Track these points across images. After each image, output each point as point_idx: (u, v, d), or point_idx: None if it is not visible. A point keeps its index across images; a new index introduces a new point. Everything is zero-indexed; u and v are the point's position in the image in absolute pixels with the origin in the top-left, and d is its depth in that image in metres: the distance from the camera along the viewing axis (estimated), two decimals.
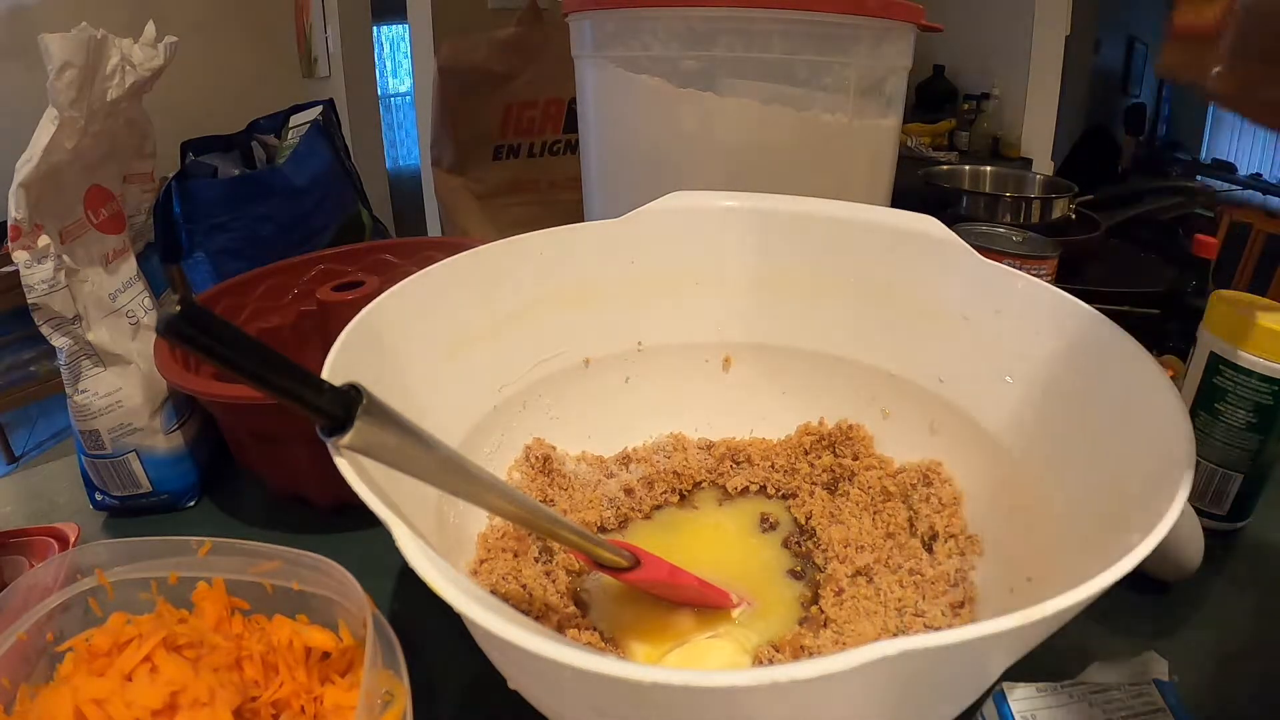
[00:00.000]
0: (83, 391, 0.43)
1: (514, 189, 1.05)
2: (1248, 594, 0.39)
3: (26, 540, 0.40)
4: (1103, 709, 0.26)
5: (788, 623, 0.35)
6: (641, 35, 0.52)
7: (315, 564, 0.31)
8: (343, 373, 0.25)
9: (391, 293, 0.34)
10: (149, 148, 0.49)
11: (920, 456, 0.40)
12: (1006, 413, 0.36)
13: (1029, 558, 0.32)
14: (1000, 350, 0.37)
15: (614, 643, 0.33)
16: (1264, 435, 0.39)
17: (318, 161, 1.06)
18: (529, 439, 0.42)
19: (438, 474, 0.24)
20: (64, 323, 0.41)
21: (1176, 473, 0.23)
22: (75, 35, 0.37)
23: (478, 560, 0.35)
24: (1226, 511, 0.42)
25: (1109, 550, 0.21)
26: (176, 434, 0.46)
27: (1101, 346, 0.32)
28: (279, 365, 0.20)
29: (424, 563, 0.19)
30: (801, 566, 0.38)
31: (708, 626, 0.34)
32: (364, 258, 0.58)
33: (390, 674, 0.27)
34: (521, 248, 0.40)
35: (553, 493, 0.40)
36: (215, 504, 0.48)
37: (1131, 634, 0.37)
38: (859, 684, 0.18)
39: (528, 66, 0.98)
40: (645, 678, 0.17)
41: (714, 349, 0.45)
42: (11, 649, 0.29)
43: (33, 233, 0.39)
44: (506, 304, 0.40)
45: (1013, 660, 0.23)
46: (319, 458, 0.23)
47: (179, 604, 0.32)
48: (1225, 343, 0.39)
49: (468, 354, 0.38)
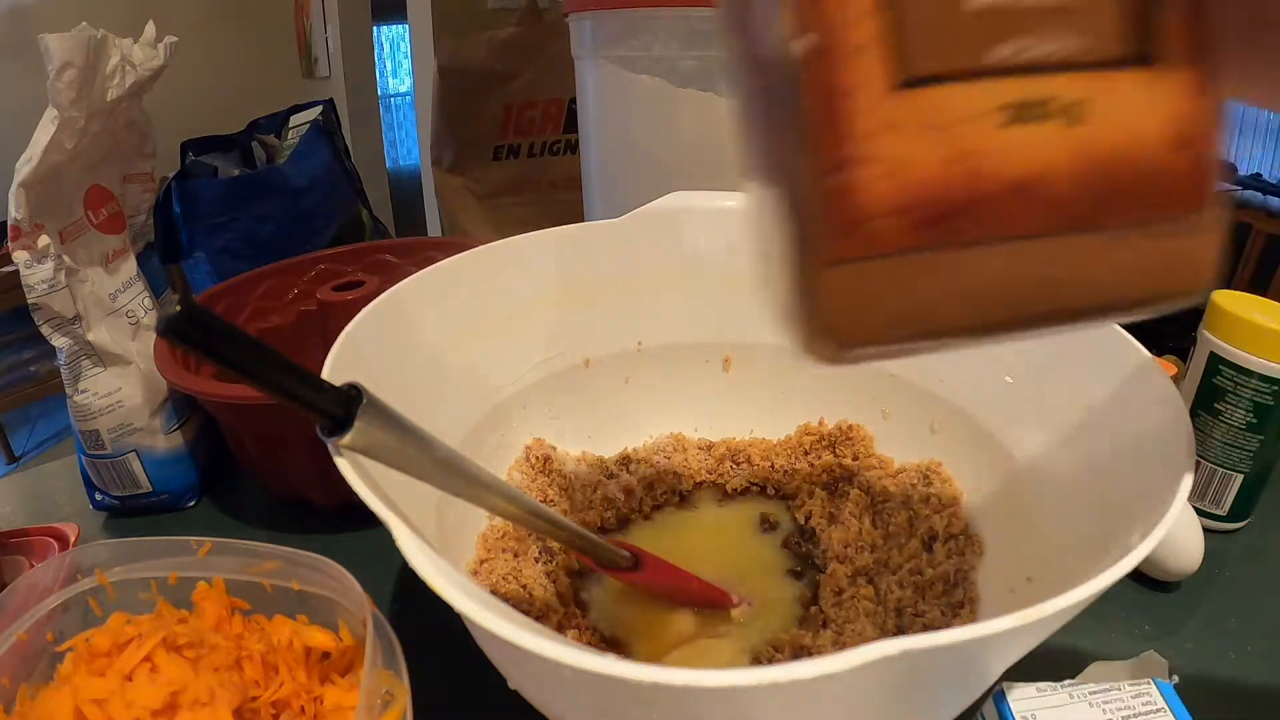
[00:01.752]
0: (83, 391, 0.43)
1: (514, 189, 1.05)
2: (1248, 594, 0.39)
3: (26, 540, 0.40)
4: (1103, 709, 0.26)
5: (788, 623, 0.35)
6: (641, 35, 0.52)
7: (315, 564, 0.31)
8: (343, 373, 0.25)
9: (391, 293, 0.34)
10: (149, 148, 0.49)
11: (920, 456, 0.40)
12: (1006, 413, 0.36)
13: (1029, 558, 0.32)
14: (1000, 350, 0.37)
15: (614, 643, 0.33)
16: (1264, 435, 0.39)
17: (317, 161, 1.06)
18: (529, 439, 0.42)
19: (438, 474, 0.24)
20: (64, 323, 0.41)
21: (1176, 473, 0.23)
22: (75, 35, 0.37)
23: (478, 560, 0.35)
24: (1226, 511, 0.42)
25: (1109, 550, 0.21)
26: (176, 434, 0.46)
27: (1102, 346, 0.32)
28: (279, 365, 0.20)
29: (424, 563, 0.19)
30: (801, 567, 0.38)
31: (708, 626, 0.34)
32: (364, 258, 0.58)
33: (390, 674, 0.27)
34: (521, 248, 0.40)
35: (553, 493, 0.40)
36: (215, 504, 0.48)
37: (1131, 634, 0.37)
38: (859, 684, 0.18)
39: (528, 66, 0.98)
40: (645, 678, 0.17)
41: (714, 349, 0.45)
42: (11, 649, 0.29)
43: (33, 233, 0.39)
44: (506, 304, 0.40)
45: (1013, 660, 0.23)
46: (319, 458, 0.23)
47: (179, 604, 0.32)
48: (1225, 343, 0.39)
49: (468, 354, 0.38)
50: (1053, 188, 0.13)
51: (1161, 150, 0.13)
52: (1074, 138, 0.13)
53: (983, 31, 0.13)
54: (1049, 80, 0.13)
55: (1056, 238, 0.14)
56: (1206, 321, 0.41)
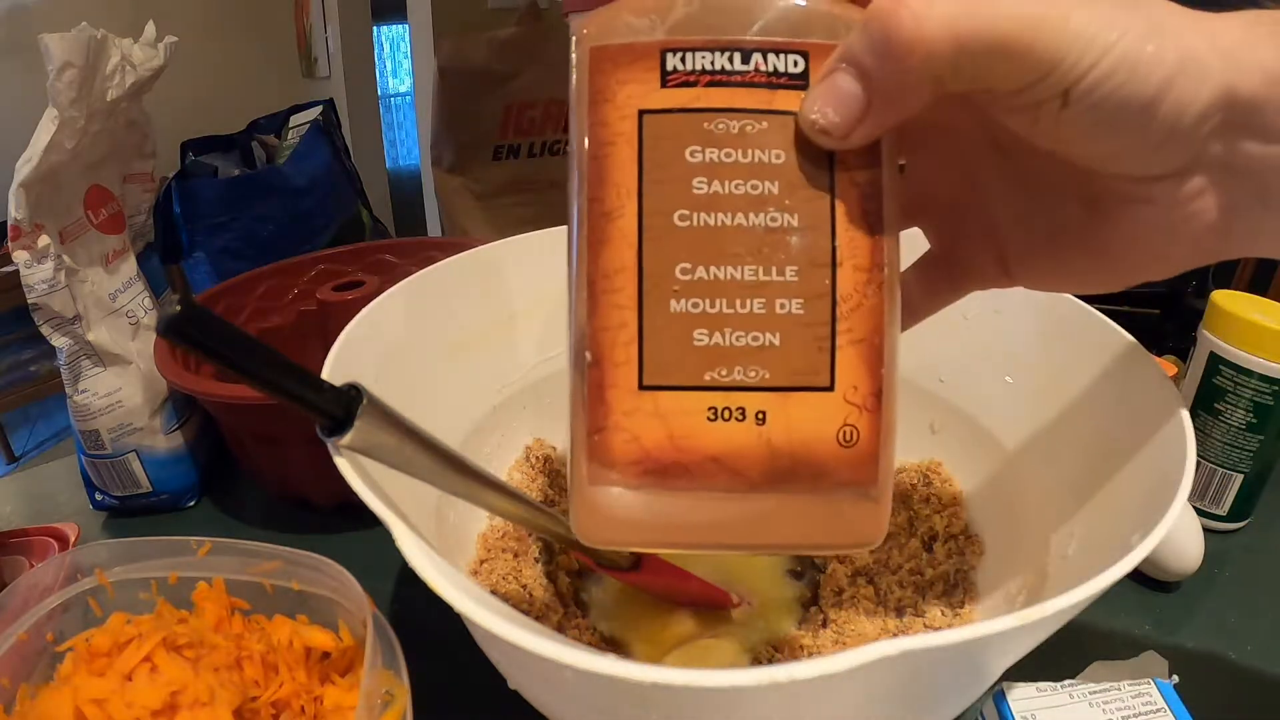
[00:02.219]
0: (83, 391, 0.43)
1: (514, 189, 1.05)
2: (1248, 594, 0.39)
3: (26, 540, 0.40)
4: (1103, 709, 0.26)
5: (788, 623, 0.35)
6: None
7: (315, 564, 0.31)
8: (343, 373, 0.25)
9: (391, 293, 0.34)
10: (149, 148, 0.49)
11: (920, 456, 0.40)
12: (1006, 413, 0.36)
13: (1029, 558, 0.32)
14: (1000, 350, 0.37)
15: (614, 643, 0.33)
16: (1264, 435, 0.39)
17: (317, 161, 1.06)
18: (529, 439, 0.42)
19: (438, 474, 0.24)
20: (64, 323, 0.41)
21: (1176, 473, 0.23)
22: (75, 35, 0.37)
23: (478, 560, 0.35)
24: (1226, 511, 0.42)
25: (1109, 550, 0.21)
26: (176, 434, 0.46)
27: (1101, 346, 0.32)
28: (279, 365, 0.20)
29: (424, 563, 0.19)
30: (801, 566, 0.38)
31: (708, 626, 0.34)
32: (364, 258, 0.58)
33: (390, 674, 0.27)
34: (521, 248, 0.40)
35: (553, 493, 0.40)
36: (215, 504, 0.48)
37: (1131, 634, 0.37)
38: (859, 684, 0.18)
39: (528, 66, 0.98)
40: (645, 678, 0.17)
41: None
42: (11, 649, 0.29)
43: (33, 233, 0.39)
44: (506, 304, 0.40)
45: (1013, 660, 0.23)
46: (319, 458, 0.23)
47: (179, 604, 0.32)
48: (1225, 343, 0.39)
49: (468, 354, 0.38)
50: (739, 461, 0.20)
51: (828, 448, 0.20)
52: (761, 432, 0.19)
53: (703, 360, 0.19)
54: (745, 395, 0.19)
55: (745, 494, 0.20)
56: (1206, 321, 0.41)
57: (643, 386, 0.19)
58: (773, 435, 0.19)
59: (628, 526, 0.20)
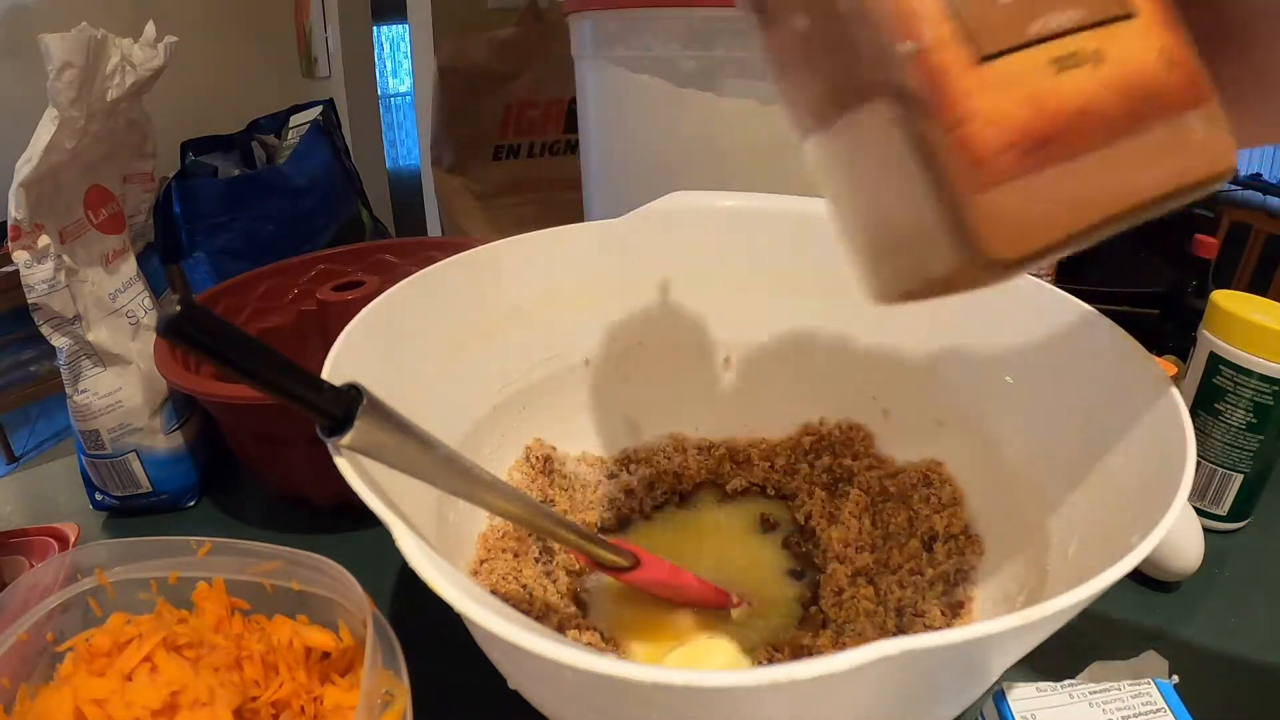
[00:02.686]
0: (83, 391, 0.43)
1: (514, 189, 1.05)
2: (1248, 594, 0.39)
3: (26, 540, 0.40)
4: (1103, 709, 0.26)
5: (788, 623, 0.35)
6: (642, 35, 0.52)
7: (315, 564, 0.31)
8: (343, 373, 0.25)
9: (391, 293, 0.34)
10: (149, 148, 0.49)
11: (921, 456, 0.40)
12: (1006, 413, 0.36)
13: (1029, 557, 0.32)
14: (1000, 350, 0.37)
15: (614, 643, 0.33)
16: (1264, 435, 0.39)
17: (318, 161, 1.06)
18: (529, 439, 0.42)
19: (438, 474, 0.24)
20: (64, 323, 0.41)
21: (1176, 473, 0.23)
22: (75, 35, 0.37)
23: (478, 560, 0.35)
24: (1226, 511, 0.42)
25: (1109, 550, 0.21)
26: (176, 434, 0.46)
27: (1102, 346, 0.32)
28: (279, 365, 0.20)
29: (424, 563, 0.19)
30: (801, 566, 0.38)
31: (708, 626, 0.34)
32: (364, 258, 0.58)
33: (390, 674, 0.27)
34: (521, 248, 0.40)
35: (553, 493, 0.40)
36: (215, 504, 0.48)
37: (1131, 634, 0.37)
38: (859, 684, 0.18)
39: (528, 66, 0.98)
40: (645, 678, 0.17)
41: (714, 349, 0.45)
42: (11, 649, 0.29)
43: (33, 233, 0.39)
44: (506, 304, 0.40)
45: (1013, 660, 0.23)
46: (319, 458, 0.23)
47: (179, 604, 0.32)
48: (1225, 343, 0.39)
49: (468, 354, 0.38)
50: (1099, 108, 0.18)
51: (1159, 72, 0.18)
52: (1101, 74, 0.18)
53: (1019, 17, 0.18)
54: (1072, 39, 0.18)
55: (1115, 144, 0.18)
56: (1206, 321, 0.41)
57: (985, 58, 0.17)
58: (1111, 73, 0.18)
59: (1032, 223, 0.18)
